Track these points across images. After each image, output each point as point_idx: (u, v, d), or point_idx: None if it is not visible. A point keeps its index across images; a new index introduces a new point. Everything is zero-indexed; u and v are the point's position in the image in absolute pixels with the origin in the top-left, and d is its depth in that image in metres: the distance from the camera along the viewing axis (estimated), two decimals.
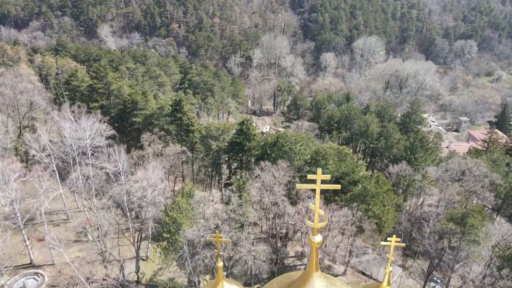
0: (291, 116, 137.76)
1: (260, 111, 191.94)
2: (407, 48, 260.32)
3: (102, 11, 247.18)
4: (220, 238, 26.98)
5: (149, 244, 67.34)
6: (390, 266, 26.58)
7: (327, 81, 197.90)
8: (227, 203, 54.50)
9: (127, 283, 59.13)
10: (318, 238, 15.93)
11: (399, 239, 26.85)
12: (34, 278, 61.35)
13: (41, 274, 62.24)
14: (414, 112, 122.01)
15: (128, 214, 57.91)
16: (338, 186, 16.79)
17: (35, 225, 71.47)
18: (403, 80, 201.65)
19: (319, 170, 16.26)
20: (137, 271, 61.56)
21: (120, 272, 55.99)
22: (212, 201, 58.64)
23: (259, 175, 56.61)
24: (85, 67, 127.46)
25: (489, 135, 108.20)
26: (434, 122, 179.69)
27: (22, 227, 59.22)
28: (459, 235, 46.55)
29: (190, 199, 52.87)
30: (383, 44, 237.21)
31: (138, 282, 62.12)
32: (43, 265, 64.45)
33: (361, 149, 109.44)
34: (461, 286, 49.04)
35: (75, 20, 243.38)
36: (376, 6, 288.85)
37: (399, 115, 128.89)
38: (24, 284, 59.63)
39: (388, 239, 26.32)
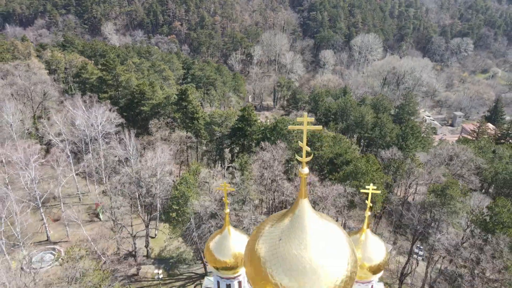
0: (290, 109, 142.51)
1: (260, 106, 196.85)
2: (404, 45, 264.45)
3: (105, 9, 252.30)
4: (226, 188, 32.22)
5: (157, 223, 72.56)
6: (369, 211, 31.58)
7: (325, 77, 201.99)
8: (231, 181, 59.47)
9: (137, 255, 64.26)
10: (305, 170, 21.00)
11: (375, 187, 31.84)
12: (51, 253, 66.41)
13: (57, 249, 67.34)
14: (407, 104, 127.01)
15: (137, 192, 62.90)
16: (320, 127, 21.94)
17: (50, 206, 76.82)
18: (400, 77, 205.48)
19: (305, 114, 21.32)
20: (146, 246, 66.66)
21: (133, 241, 61.06)
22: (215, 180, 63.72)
23: (260, 156, 61.69)
24: (92, 62, 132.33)
25: (479, 125, 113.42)
26: (429, 116, 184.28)
27: (40, 205, 64.32)
28: (440, 206, 51.56)
29: (196, 176, 57.95)
30: (380, 41, 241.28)
31: (147, 256, 67.25)
32: (59, 242, 69.62)
33: (357, 138, 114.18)
34: (442, 257, 53.99)
35: (79, 18, 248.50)
36: (374, 5, 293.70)
37: (393, 108, 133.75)
38: (42, 258, 64.50)
39: (367, 186, 31.41)
